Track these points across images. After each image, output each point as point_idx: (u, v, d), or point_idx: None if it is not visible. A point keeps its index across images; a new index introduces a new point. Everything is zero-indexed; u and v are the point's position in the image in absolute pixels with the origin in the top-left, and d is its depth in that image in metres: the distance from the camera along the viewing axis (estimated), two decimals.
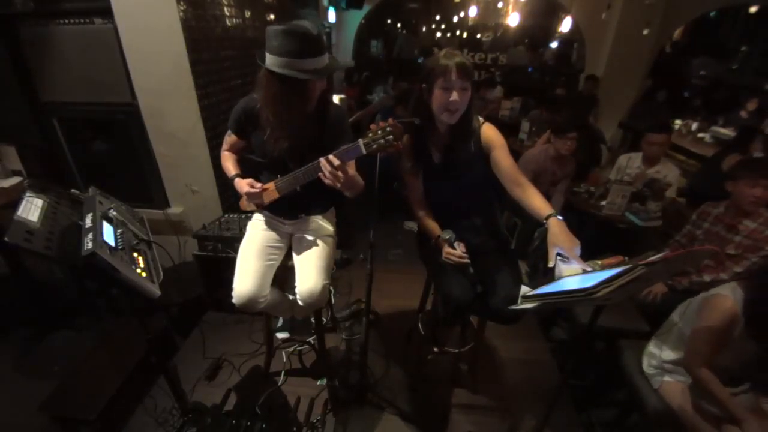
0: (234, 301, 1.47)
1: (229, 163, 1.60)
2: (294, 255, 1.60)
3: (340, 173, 1.24)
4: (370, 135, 1.19)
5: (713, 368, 1.38)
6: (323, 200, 1.62)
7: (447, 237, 1.35)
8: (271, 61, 1.23)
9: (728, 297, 1.36)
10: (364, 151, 1.21)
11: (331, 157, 1.23)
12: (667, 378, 1.53)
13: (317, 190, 1.36)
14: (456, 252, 1.34)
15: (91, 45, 2.11)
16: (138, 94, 2.17)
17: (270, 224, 1.65)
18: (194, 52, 2.10)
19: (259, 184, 1.45)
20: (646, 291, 1.98)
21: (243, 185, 1.47)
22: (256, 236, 1.61)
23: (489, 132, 1.43)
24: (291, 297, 1.64)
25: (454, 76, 1.28)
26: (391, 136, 1.17)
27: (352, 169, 1.36)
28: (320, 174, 1.27)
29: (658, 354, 1.58)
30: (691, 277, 1.94)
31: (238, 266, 1.52)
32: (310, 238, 1.59)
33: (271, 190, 1.46)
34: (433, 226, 1.48)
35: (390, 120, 1.18)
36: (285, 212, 1.60)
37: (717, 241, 1.92)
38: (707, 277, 1.89)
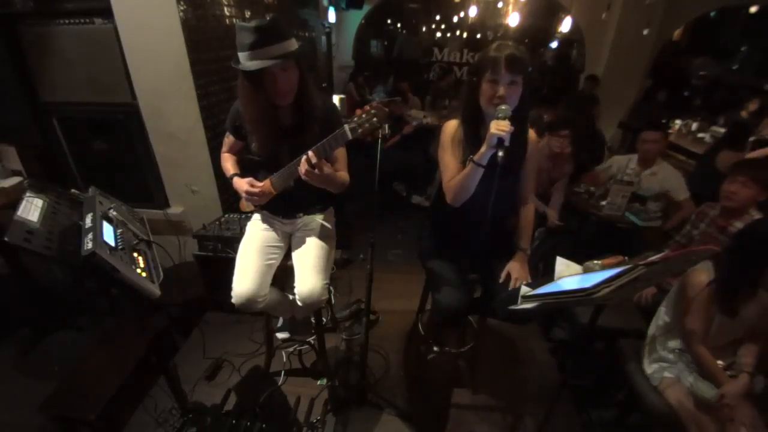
0: (233, 300, 1.47)
1: (228, 164, 1.61)
2: (293, 255, 1.60)
3: (316, 171, 1.25)
4: (356, 119, 1.19)
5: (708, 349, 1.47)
6: (321, 199, 1.61)
7: (504, 109, 1.22)
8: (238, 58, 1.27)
9: (703, 271, 1.46)
10: (350, 136, 1.20)
11: (310, 153, 1.24)
12: (666, 374, 1.53)
13: (314, 188, 1.37)
14: (505, 124, 1.19)
15: (91, 45, 2.11)
16: (138, 94, 2.17)
17: (269, 224, 1.65)
18: (194, 52, 2.10)
19: (259, 184, 1.45)
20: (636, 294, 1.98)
21: (242, 184, 1.47)
22: (256, 236, 1.61)
23: (533, 137, 1.43)
24: (291, 297, 1.64)
25: (502, 68, 1.22)
26: (375, 119, 1.17)
27: (328, 167, 1.33)
28: (298, 170, 1.28)
29: (655, 346, 1.60)
30: (680, 278, 1.93)
31: (238, 266, 1.52)
32: (309, 237, 1.59)
33: (268, 187, 1.46)
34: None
35: (374, 103, 1.18)
36: (284, 211, 1.60)
37: (711, 243, 1.91)
38: None
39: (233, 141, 1.59)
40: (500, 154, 1.19)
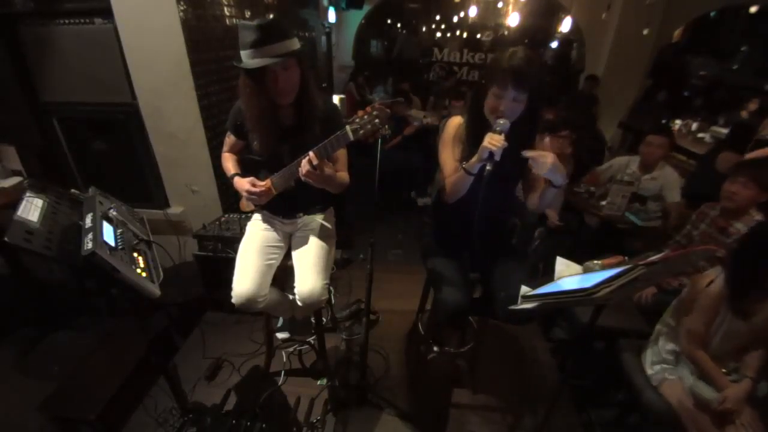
0: (233, 300, 1.47)
1: (228, 163, 1.60)
2: (293, 255, 1.60)
3: (317, 171, 1.25)
4: (357, 121, 1.17)
5: (711, 356, 1.46)
6: (321, 199, 1.62)
7: (501, 123, 1.22)
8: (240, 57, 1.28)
9: (712, 275, 1.45)
10: (352, 137, 1.19)
11: (311, 154, 1.24)
12: (667, 375, 1.54)
13: (314, 188, 1.37)
14: (498, 139, 1.19)
15: (91, 45, 2.11)
16: (138, 94, 2.17)
17: (269, 224, 1.65)
18: (194, 52, 2.10)
19: (260, 183, 1.45)
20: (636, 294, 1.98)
21: (244, 184, 1.47)
22: (256, 236, 1.61)
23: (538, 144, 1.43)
24: (291, 297, 1.64)
25: (509, 84, 1.21)
26: (377, 120, 1.16)
27: (329, 168, 1.35)
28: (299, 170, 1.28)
29: (657, 348, 1.60)
30: (681, 279, 1.93)
31: (238, 266, 1.52)
32: (309, 237, 1.59)
33: (268, 187, 1.46)
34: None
35: (376, 104, 1.17)
36: (284, 211, 1.60)
37: (711, 243, 1.91)
38: None
39: (234, 141, 1.59)
40: (488, 167, 1.20)
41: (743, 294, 1.39)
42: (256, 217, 1.68)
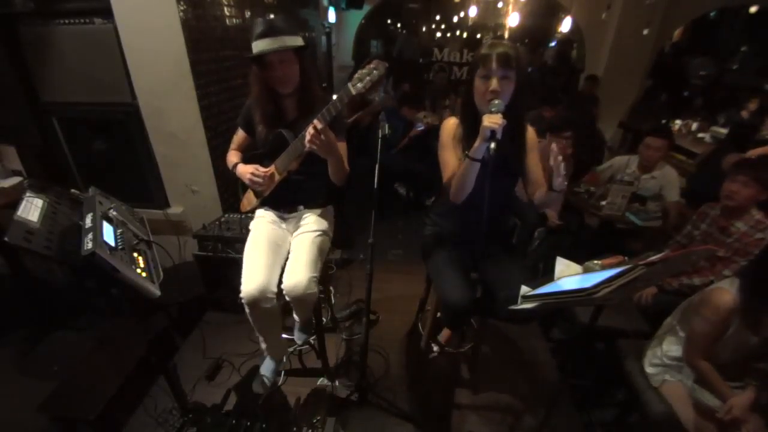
0: (243, 298, 1.44)
1: (233, 157, 1.68)
2: (290, 255, 1.61)
3: (322, 136, 1.30)
4: (357, 76, 1.25)
5: (715, 365, 1.41)
6: (321, 194, 1.68)
7: (497, 103, 1.23)
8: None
9: (726, 290, 1.40)
10: (353, 92, 1.27)
11: (315, 121, 1.31)
12: (668, 377, 1.53)
13: (314, 178, 1.46)
14: (497, 118, 1.20)
15: (91, 45, 2.11)
16: (138, 94, 2.17)
17: (273, 222, 1.68)
18: (194, 52, 2.10)
19: (263, 169, 1.53)
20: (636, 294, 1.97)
21: (247, 169, 1.55)
22: (262, 232, 1.63)
23: (531, 134, 1.45)
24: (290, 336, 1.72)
25: (494, 63, 1.24)
26: (376, 71, 1.24)
27: (332, 136, 1.38)
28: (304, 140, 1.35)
29: (659, 352, 1.59)
30: (682, 279, 1.93)
31: (246, 263, 1.51)
32: (305, 234, 1.62)
33: (272, 172, 1.53)
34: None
35: (374, 59, 1.25)
36: (284, 204, 1.66)
37: (711, 243, 1.91)
38: (697, 280, 1.88)
39: (243, 137, 1.67)
40: (492, 146, 1.19)
41: (758, 307, 1.35)
42: (259, 215, 1.71)
